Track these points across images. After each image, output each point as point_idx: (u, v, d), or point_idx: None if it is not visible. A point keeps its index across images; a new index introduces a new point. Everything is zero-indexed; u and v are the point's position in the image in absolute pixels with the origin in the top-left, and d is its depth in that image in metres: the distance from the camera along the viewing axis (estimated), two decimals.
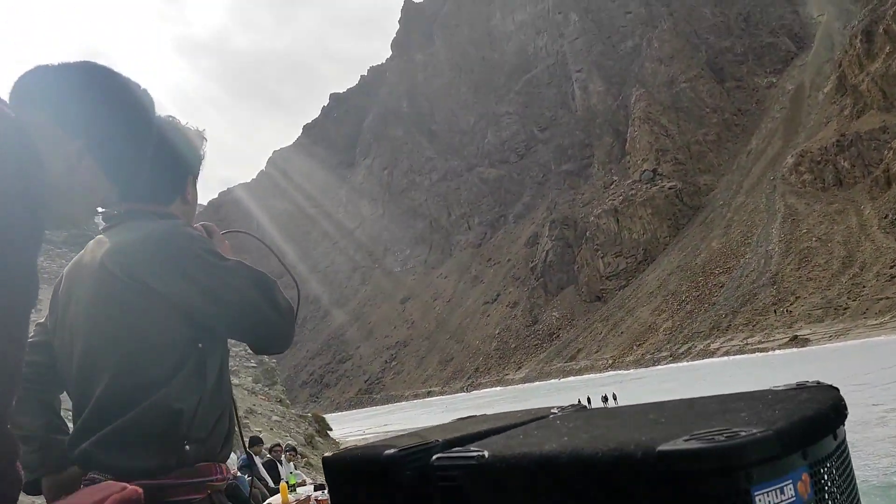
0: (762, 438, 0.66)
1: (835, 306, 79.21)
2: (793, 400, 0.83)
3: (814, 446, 0.71)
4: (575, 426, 1.02)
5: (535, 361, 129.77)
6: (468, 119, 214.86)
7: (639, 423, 0.89)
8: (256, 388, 28.41)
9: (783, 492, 0.66)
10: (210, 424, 1.57)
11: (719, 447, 0.65)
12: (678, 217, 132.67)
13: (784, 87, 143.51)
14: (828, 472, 0.72)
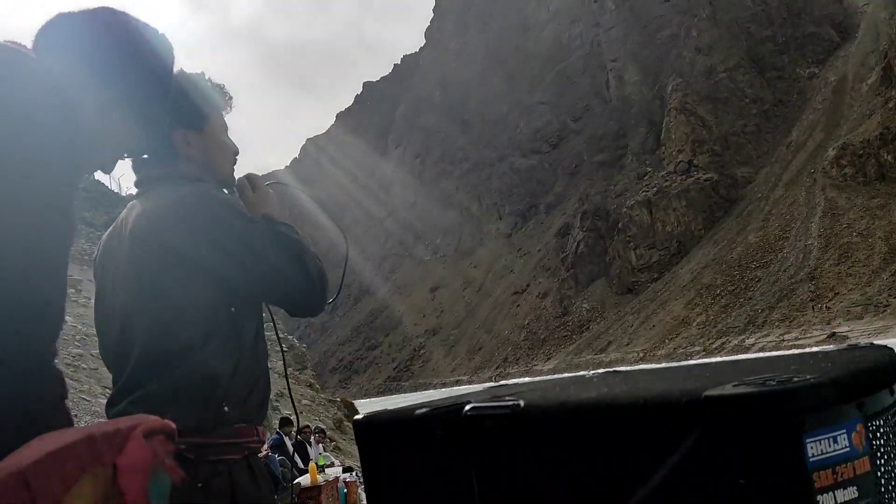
0: (816, 384, 0.63)
1: (875, 303, 77.45)
2: (845, 356, 0.82)
3: (870, 398, 0.68)
4: (613, 381, 1.02)
5: (565, 353, 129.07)
6: (501, 108, 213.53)
7: (682, 376, 0.89)
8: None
9: (836, 441, 0.63)
10: (248, 387, 1.60)
11: (770, 391, 0.63)
12: (713, 209, 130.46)
13: (826, 78, 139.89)
14: (884, 427, 0.69)
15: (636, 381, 0.94)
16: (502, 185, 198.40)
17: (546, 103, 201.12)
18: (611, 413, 0.77)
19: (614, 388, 0.86)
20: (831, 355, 0.86)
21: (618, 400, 0.77)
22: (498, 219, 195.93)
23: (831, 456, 0.62)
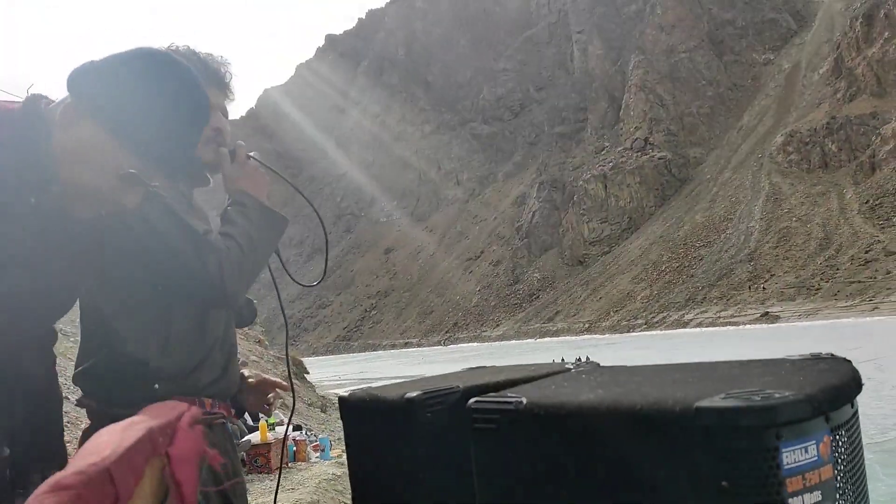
0: (794, 401, 0.71)
1: (807, 286, 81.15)
2: (812, 369, 0.89)
3: (835, 412, 0.76)
4: (604, 380, 1.05)
5: (514, 321, 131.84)
6: (465, 73, 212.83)
7: (667, 381, 0.94)
8: None
9: (807, 451, 0.71)
10: (189, 364, 1.63)
11: (755, 406, 0.70)
12: (665, 188, 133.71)
13: (781, 65, 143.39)
14: (844, 437, 0.78)
15: (626, 382, 0.99)
16: (462, 151, 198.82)
17: (510, 70, 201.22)
18: (609, 416, 0.82)
19: (609, 391, 0.92)
20: (798, 364, 0.94)
21: (616, 404, 0.83)
22: (456, 184, 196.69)
23: (802, 464, 0.71)
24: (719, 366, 1.02)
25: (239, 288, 1.64)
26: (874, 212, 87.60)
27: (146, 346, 1.57)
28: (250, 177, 1.77)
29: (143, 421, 0.88)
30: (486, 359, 46.09)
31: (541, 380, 1.18)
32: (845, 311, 69.27)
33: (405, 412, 1.16)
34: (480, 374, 1.40)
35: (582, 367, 1.33)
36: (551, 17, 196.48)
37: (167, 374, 1.58)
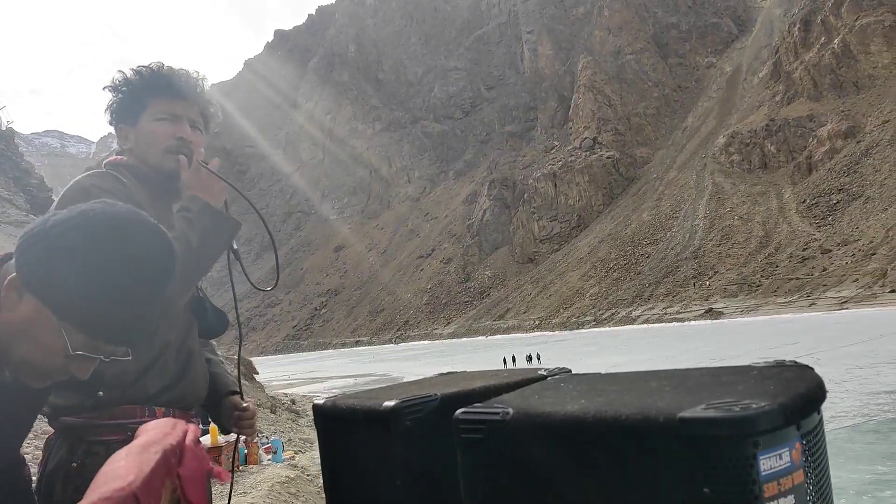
0: (770, 411, 0.75)
1: (749, 283, 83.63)
2: (780, 378, 0.92)
3: (805, 420, 0.82)
4: (584, 389, 1.07)
5: (465, 318, 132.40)
6: (416, 71, 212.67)
7: (646, 390, 0.97)
8: None
9: (781, 458, 0.77)
10: (135, 371, 1.60)
11: (735, 417, 0.75)
12: (613, 186, 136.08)
13: (723, 68, 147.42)
14: (812, 444, 0.84)
15: (606, 391, 1.02)
16: (413, 149, 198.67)
17: (461, 69, 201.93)
18: (595, 426, 0.85)
19: (592, 401, 0.94)
20: (765, 373, 0.97)
21: (601, 414, 0.85)
22: (407, 182, 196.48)
23: (777, 470, 0.76)
24: (691, 373, 1.06)
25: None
26: (811, 211, 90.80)
27: None
28: (203, 183, 1.79)
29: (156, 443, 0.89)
30: (438, 356, 46.40)
31: (520, 388, 1.19)
32: (785, 307, 71.64)
33: (383, 421, 1.16)
34: (455, 381, 1.40)
35: (556, 375, 1.33)
36: (501, 18, 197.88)
37: (110, 381, 1.56)
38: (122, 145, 1.86)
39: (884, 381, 21.91)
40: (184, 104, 1.85)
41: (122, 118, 1.84)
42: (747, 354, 34.95)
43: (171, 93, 1.85)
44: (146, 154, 1.82)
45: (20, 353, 1.10)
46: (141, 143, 1.83)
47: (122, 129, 1.85)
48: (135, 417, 1.59)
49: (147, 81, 1.83)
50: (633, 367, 11.12)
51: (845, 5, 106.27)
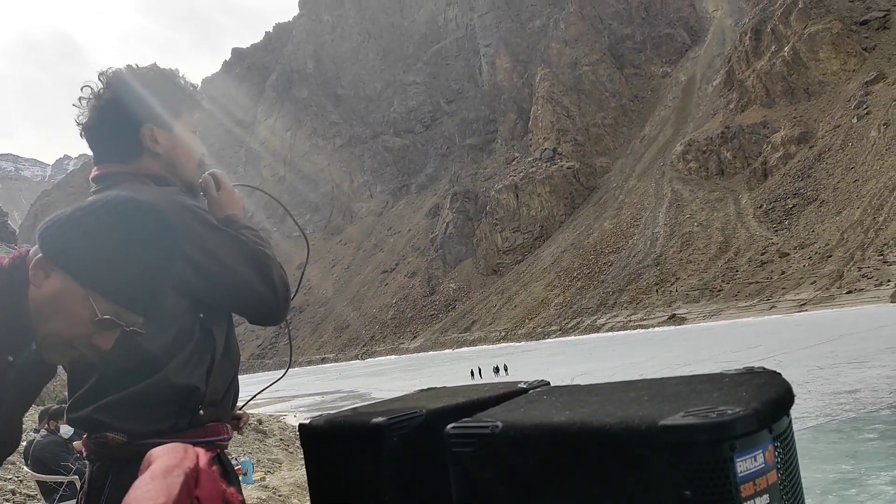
0: (744, 416, 0.81)
1: (710, 288, 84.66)
2: (751, 384, 0.98)
3: (776, 423, 0.87)
4: (567, 401, 1.10)
5: (431, 331, 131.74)
6: (375, 86, 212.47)
7: (626, 400, 1.01)
8: None
9: (756, 459, 0.82)
10: (223, 389, 1.64)
11: (713, 422, 0.80)
12: (574, 196, 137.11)
13: (678, 78, 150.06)
14: (783, 445, 0.89)
15: (588, 402, 1.04)
16: (374, 164, 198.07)
17: (420, 84, 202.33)
18: (582, 436, 0.89)
19: (576, 412, 0.97)
20: (737, 379, 1.02)
21: (587, 424, 0.89)
22: (369, 197, 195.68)
23: (752, 471, 0.82)
24: (667, 382, 1.11)
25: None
26: (767, 216, 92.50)
27: (195, 373, 1.56)
28: (237, 202, 1.80)
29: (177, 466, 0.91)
30: (405, 371, 45.54)
31: (505, 402, 1.22)
32: (745, 311, 72.57)
33: (371, 438, 1.17)
34: (438, 396, 1.42)
35: (536, 388, 1.35)
36: (459, 32, 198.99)
37: (210, 400, 1.59)
38: (151, 148, 1.66)
39: (844, 381, 22.01)
40: (199, 118, 1.81)
41: (155, 119, 1.67)
42: (711, 359, 35.06)
43: (197, 105, 1.79)
44: (184, 166, 1.74)
45: (48, 326, 1.20)
46: (179, 153, 1.72)
47: (149, 131, 1.66)
48: (220, 434, 1.62)
49: (179, 87, 1.74)
50: (600, 374, 10.67)
51: (794, 14, 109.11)
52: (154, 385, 1.51)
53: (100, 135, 1.65)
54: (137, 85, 1.66)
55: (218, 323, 1.62)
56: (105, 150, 1.66)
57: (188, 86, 1.78)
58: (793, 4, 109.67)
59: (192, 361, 1.56)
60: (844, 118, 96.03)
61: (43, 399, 18.17)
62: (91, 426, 1.53)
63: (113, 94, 1.62)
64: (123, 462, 1.50)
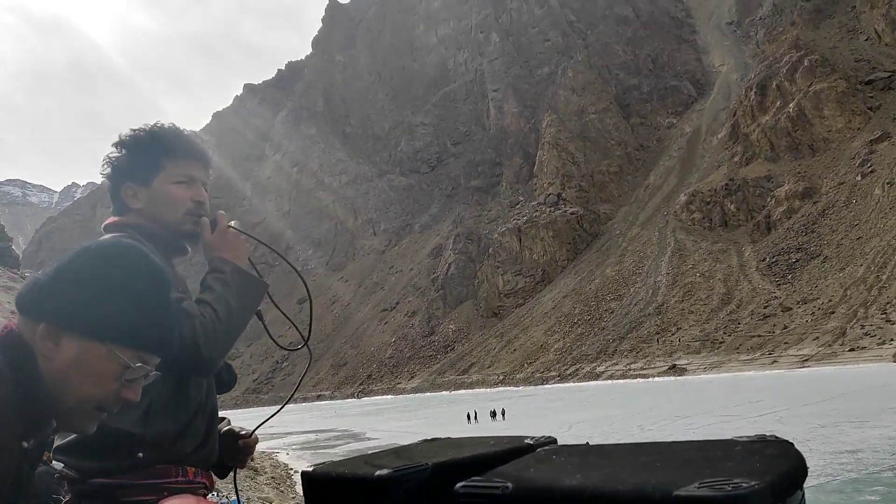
0: (760, 490, 0.81)
1: (712, 339, 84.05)
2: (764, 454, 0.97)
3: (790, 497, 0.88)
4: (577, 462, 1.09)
5: (428, 372, 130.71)
6: (383, 125, 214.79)
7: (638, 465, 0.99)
8: None
9: None
10: (173, 432, 1.66)
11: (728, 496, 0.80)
12: (577, 242, 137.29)
13: (683, 129, 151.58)
14: None
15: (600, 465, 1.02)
16: (379, 202, 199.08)
17: (428, 125, 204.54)
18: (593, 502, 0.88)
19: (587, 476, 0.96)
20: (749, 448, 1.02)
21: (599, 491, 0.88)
22: (372, 235, 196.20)
23: None
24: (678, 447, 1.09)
25: (215, 352, 1.68)
26: (771, 269, 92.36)
27: (128, 416, 1.57)
28: (230, 244, 1.85)
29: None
30: (401, 412, 45.12)
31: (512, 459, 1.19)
32: (747, 365, 71.94)
33: (376, 490, 1.16)
34: (443, 449, 1.40)
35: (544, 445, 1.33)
36: (468, 76, 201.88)
37: (150, 442, 1.61)
38: (130, 204, 1.83)
39: (845, 440, 21.74)
40: (198, 166, 1.90)
41: (130, 177, 1.83)
42: (711, 412, 34.64)
43: (190, 155, 1.88)
44: (164, 215, 1.83)
45: (75, 395, 1.15)
46: (157, 205, 1.83)
47: (129, 188, 1.83)
48: (169, 477, 1.64)
49: (164, 142, 1.84)
50: (599, 423, 10.51)
51: (799, 71, 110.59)
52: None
53: (109, 193, 1.86)
54: (127, 146, 1.84)
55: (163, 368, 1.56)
56: (113, 206, 1.86)
57: (176, 139, 1.86)
58: (798, 62, 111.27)
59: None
60: (849, 175, 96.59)
61: None
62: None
63: (113, 159, 1.83)
64: (81, 497, 1.61)
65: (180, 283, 1.84)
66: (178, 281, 1.82)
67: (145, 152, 1.83)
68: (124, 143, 1.84)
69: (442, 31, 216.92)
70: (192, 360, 1.63)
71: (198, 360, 1.64)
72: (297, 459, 34.82)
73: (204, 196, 1.91)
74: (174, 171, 1.85)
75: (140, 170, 1.83)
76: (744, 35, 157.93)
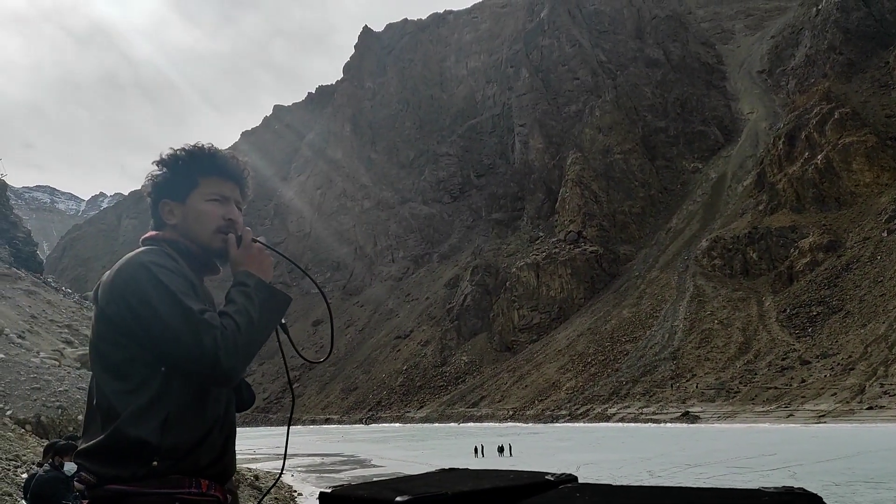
0: None
1: (727, 388, 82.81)
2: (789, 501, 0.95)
3: None
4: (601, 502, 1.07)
5: (438, 403, 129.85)
6: (408, 153, 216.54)
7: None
8: None
9: None
10: (189, 443, 1.72)
11: None
12: (595, 281, 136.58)
13: (708, 174, 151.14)
14: None
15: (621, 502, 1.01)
16: (399, 229, 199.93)
17: (453, 155, 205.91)
18: None
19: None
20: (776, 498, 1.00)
21: None
22: (391, 261, 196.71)
23: None
24: (702, 494, 1.05)
25: (235, 364, 1.72)
26: (791, 321, 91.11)
27: (146, 425, 1.65)
28: (255, 258, 1.92)
29: None
30: (408, 440, 44.88)
31: (533, 495, 1.16)
32: (762, 416, 70.75)
33: None
34: (462, 479, 1.38)
35: (564, 482, 1.31)
36: (495, 109, 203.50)
37: (166, 452, 1.67)
38: (166, 220, 1.96)
39: (860, 500, 21.30)
40: (232, 186, 2.00)
41: (167, 194, 1.95)
42: (724, 463, 34.05)
43: (224, 175, 1.99)
44: (196, 232, 1.95)
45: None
46: (190, 221, 1.95)
47: (166, 204, 1.96)
48: (183, 487, 1.69)
49: (200, 161, 1.96)
50: (607, 466, 10.40)
51: (829, 123, 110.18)
52: (113, 435, 1.67)
53: (150, 207, 2.01)
54: (166, 164, 1.97)
55: (184, 378, 1.73)
56: (152, 221, 2.00)
57: (211, 159, 1.99)
58: (828, 115, 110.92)
59: (145, 413, 1.67)
60: (874, 231, 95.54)
61: (48, 433, 18.02)
62: (79, 467, 1.74)
63: (153, 175, 1.97)
64: (97, 502, 1.68)
65: (207, 298, 1.91)
66: (205, 296, 1.89)
67: (182, 170, 1.94)
68: (165, 162, 1.95)
69: (472, 64, 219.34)
70: (213, 370, 1.68)
71: (217, 371, 1.69)
72: (302, 482, 34.62)
73: (235, 214, 2.00)
74: (207, 189, 1.95)
75: (177, 187, 1.94)
76: (774, 84, 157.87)
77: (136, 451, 1.66)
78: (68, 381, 22.99)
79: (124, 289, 1.73)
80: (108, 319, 1.75)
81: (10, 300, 36.94)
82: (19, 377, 21.84)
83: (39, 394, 21.07)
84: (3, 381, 20.93)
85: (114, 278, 1.77)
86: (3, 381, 20.96)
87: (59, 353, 29.86)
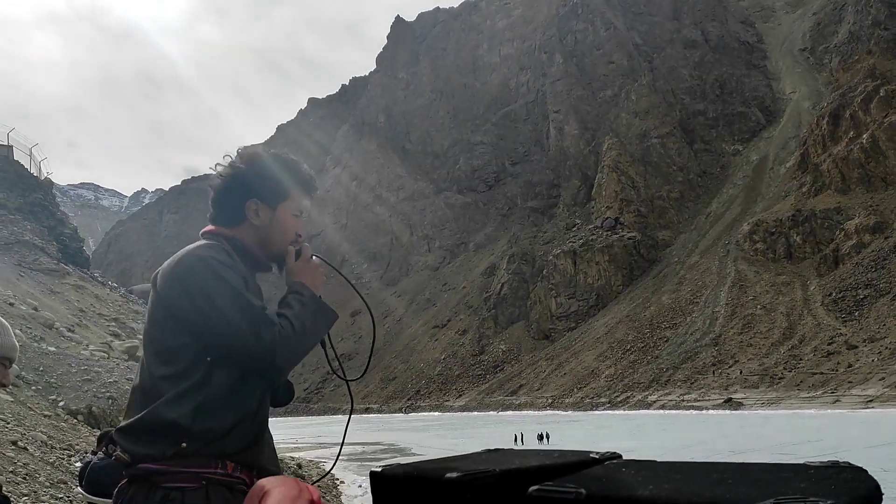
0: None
1: (771, 374, 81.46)
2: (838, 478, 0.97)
3: None
4: (648, 475, 1.10)
5: (477, 391, 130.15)
6: (442, 143, 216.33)
7: (710, 481, 0.99)
8: None
9: None
10: (218, 430, 1.80)
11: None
12: (633, 268, 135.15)
13: (749, 157, 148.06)
14: None
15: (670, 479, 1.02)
16: (435, 219, 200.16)
17: (487, 144, 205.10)
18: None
19: (659, 487, 0.97)
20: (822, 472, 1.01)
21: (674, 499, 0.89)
22: (427, 251, 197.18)
23: None
24: (750, 468, 1.08)
25: (287, 362, 1.84)
26: (837, 305, 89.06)
27: (180, 409, 1.74)
28: (311, 272, 2.03)
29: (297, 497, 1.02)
30: (448, 429, 45.09)
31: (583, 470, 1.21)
32: (807, 402, 69.44)
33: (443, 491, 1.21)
34: (508, 458, 1.44)
35: (609, 459, 1.34)
36: (529, 96, 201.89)
37: (196, 435, 1.75)
38: (251, 219, 2.00)
39: None
40: (308, 202, 2.10)
41: (259, 195, 1.99)
42: (768, 449, 33.50)
43: (308, 192, 2.09)
44: (274, 240, 2.04)
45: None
46: (274, 228, 2.02)
47: (254, 204, 2.00)
48: (209, 468, 1.77)
49: (297, 175, 2.03)
50: (647, 453, 10.30)
51: (874, 101, 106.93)
52: (149, 415, 1.76)
53: (218, 200, 2.02)
54: (259, 166, 2.00)
55: (225, 369, 1.81)
56: (217, 214, 2.02)
57: (304, 175, 2.07)
58: (874, 92, 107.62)
59: (182, 398, 1.76)
60: None
61: (99, 423, 18.56)
62: (118, 444, 1.85)
63: (238, 170, 1.99)
64: (131, 479, 1.80)
65: (258, 292, 1.97)
66: (258, 291, 1.97)
67: (276, 178, 1.99)
68: (250, 160, 1.99)
69: (505, 51, 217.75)
70: (268, 363, 1.78)
71: (271, 366, 1.79)
72: (344, 470, 35.06)
73: (305, 231, 2.10)
74: (294, 203, 2.03)
75: (269, 192, 1.98)
76: (817, 62, 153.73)
77: (168, 431, 1.74)
78: (117, 373, 23.60)
79: (185, 280, 1.80)
80: (166, 307, 1.83)
81: (60, 295, 37.98)
82: (70, 369, 22.49)
83: (90, 385, 21.68)
84: (55, 374, 21.59)
85: (174, 269, 1.84)
86: (55, 374, 21.61)
87: (108, 346, 30.66)
